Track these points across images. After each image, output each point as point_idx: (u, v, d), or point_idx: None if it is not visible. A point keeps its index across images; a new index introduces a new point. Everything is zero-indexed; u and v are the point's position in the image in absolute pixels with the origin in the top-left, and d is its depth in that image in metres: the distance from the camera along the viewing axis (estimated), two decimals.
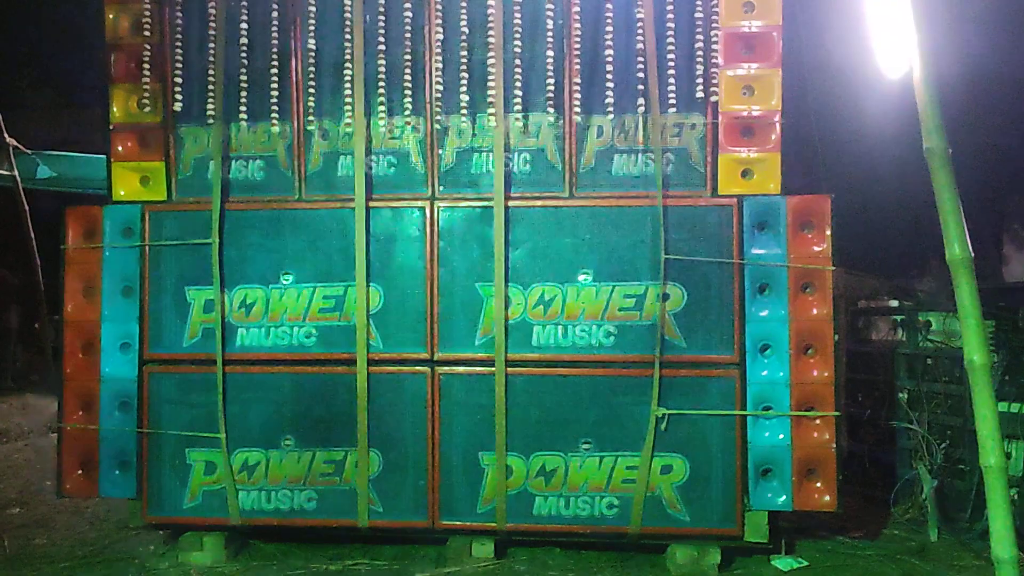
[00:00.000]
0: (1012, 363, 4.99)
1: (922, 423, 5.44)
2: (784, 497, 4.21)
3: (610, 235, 4.33)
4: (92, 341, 4.51)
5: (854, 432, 6.14)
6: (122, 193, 4.57)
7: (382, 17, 4.42)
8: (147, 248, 4.49)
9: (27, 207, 8.30)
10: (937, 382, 5.48)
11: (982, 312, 3.14)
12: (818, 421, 4.20)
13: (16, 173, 8.12)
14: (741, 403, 4.23)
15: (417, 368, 4.39)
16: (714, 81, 4.28)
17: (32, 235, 8.14)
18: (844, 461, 4.27)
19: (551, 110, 4.36)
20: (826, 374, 4.21)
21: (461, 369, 4.38)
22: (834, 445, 4.19)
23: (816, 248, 4.23)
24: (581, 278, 4.33)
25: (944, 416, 5.42)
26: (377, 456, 4.39)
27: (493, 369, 4.32)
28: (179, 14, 4.53)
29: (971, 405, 3.18)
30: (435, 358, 4.38)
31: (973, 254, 3.10)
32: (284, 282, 4.46)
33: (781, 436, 4.21)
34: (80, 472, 4.53)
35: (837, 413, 4.21)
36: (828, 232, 4.22)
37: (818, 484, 4.20)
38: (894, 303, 6.23)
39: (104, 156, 4.63)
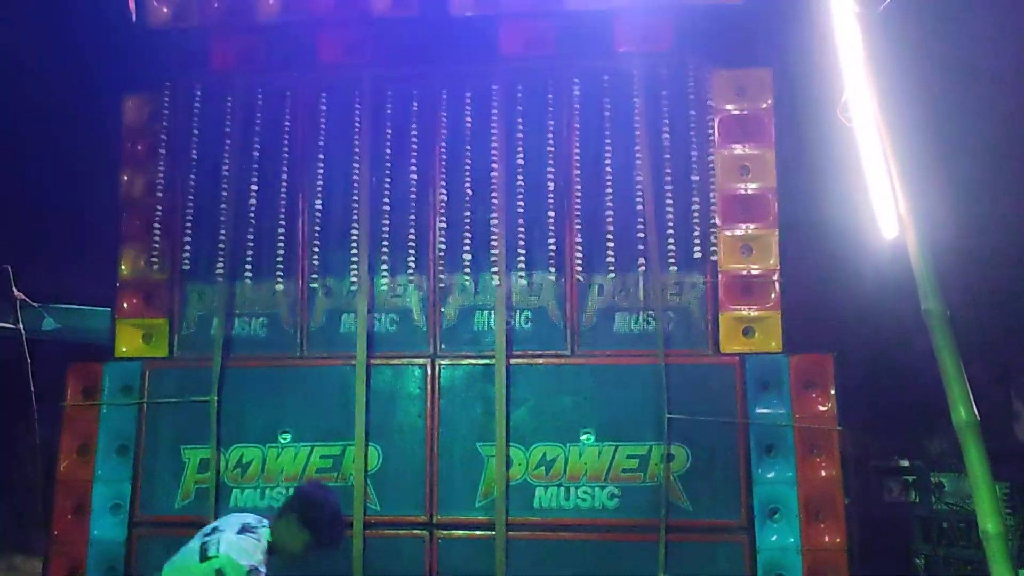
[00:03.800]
0: None
1: None
2: None
3: (612, 394, 4.28)
4: (83, 502, 4.39)
5: None
6: (124, 350, 4.57)
7: (388, 178, 4.55)
8: (145, 406, 4.45)
9: (29, 361, 8.32)
10: (955, 546, 5.29)
11: (994, 474, 3.05)
12: None
13: (21, 326, 8.16)
14: (751, 570, 4.06)
15: (415, 532, 4.25)
16: (713, 241, 4.36)
17: (33, 390, 8.12)
18: None
19: (553, 269, 4.41)
20: (838, 540, 4.05)
21: (460, 533, 4.24)
22: None
23: (821, 407, 4.17)
24: (583, 437, 4.26)
25: None
26: None
27: (494, 533, 4.18)
28: (192, 177, 4.67)
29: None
30: (434, 521, 4.25)
31: (979, 417, 3.04)
32: (282, 441, 4.39)
33: None
34: None
35: None
36: (832, 391, 4.17)
37: None
38: (904, 463, 6.10)
39: (108, 309, 4.66)
